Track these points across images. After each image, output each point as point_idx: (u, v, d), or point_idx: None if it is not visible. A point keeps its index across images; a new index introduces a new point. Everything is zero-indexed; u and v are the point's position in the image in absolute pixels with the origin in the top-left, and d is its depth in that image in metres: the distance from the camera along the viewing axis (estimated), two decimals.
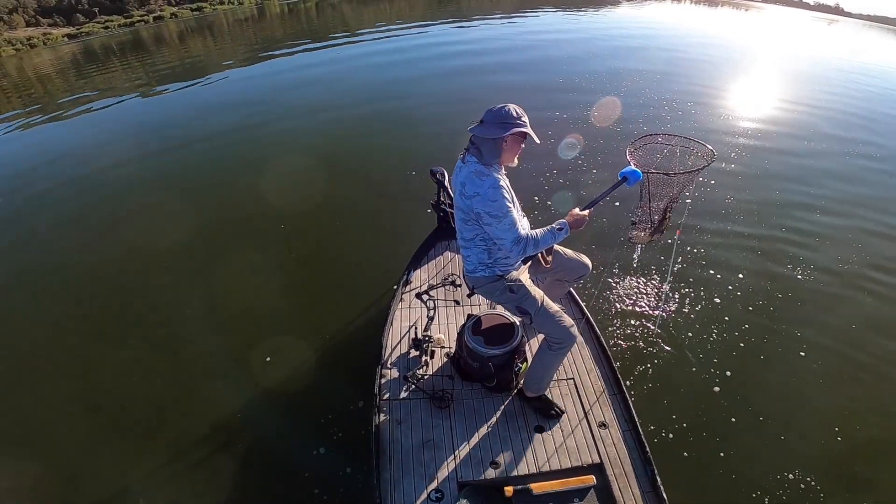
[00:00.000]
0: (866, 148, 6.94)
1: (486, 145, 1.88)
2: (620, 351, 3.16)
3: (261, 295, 3.88)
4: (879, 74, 13.67)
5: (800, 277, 3.98)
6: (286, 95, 9.92)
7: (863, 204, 5.25)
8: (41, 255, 4.80)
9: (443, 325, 2.84)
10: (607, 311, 3.51)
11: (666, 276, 3.74)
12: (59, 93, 13.96)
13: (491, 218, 1.88)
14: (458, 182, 1.95)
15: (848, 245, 4.44)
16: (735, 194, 5.19)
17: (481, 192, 1.86)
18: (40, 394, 3.18)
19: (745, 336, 3.35)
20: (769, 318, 3.52)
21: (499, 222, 1.88)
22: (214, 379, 3.21)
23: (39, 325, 3.81)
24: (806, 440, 2.71)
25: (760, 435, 2.72)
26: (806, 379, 3.08)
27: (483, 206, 1.87)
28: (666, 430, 2.69)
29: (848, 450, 2.65)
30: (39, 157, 7.56)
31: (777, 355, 3.23)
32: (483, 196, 1.86)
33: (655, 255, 3.96)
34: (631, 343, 3.24)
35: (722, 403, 2.88)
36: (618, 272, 3.85)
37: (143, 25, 35.98)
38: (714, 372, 3.06)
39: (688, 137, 2.40)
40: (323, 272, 4.17)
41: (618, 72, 10.27)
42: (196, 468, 2.63)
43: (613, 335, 3.28)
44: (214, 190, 5.84)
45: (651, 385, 2.95)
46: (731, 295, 3.72)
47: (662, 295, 3.59)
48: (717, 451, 2.62)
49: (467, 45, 13.90)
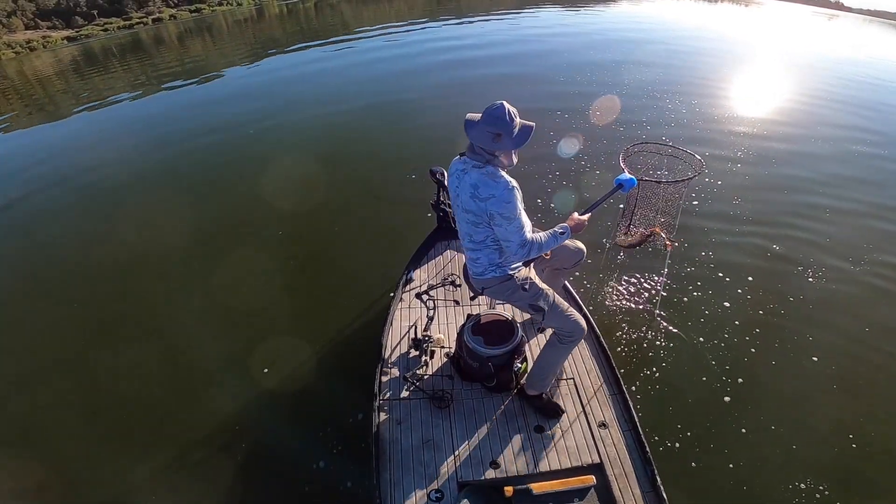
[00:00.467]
0: (874, 145, 6.84)
1: (494, 151, 1.88)
2: (623, 354, 3.14)
3: (260, 296, 3.88)
4: (884, 68, 13.63)
5: (811, 280, 3.89)
6: (284, 95, 9.94)
7: (874, 202, 5.16)
8: (40, 258, 4.80)
9: (442, 325, 2.84)
10: (608, 312, 3.49)
11: (667, 280, 3.70)
12: (58, 94, 14.00)
13: (503, 219, 1.89)
14: (468, 184, 1.91)
15: (860, 245, 4.35)
16: (742, 194, 5.10)
17: (496, 193, 1.86)
18: (40, 398, 3.18)
19: (755, 341, 3.27)
20: (779, 321, 3.44)
21: (509, 223, 1.89)
22: (214, 380, 3.21)
23: (38, 328, 3.82)
24: (818, 447, 2.64)
25: (770, 441, 2.66)
26: (819, 384, 3.01)
27: (497, 207, 1.87)
28: (669, 432, 2.66)
29: (863, 456, 2.59)
30: (38, 158, 7.59)
31: (788, 360, 3.15)
32: (498, 198, 1.86)
33: (655, 258, 3.92)
34: (633, 346, 3.21)
35: (730, 409, 2.82)
36: (618, 273, 3.82)
37: (142, 28, 36.01)
38: (722, 377, 3.00)
39: (678, 147, 2.47)
40: (322, 273, 4.17)
41: (619, 66, 10.26)
42: (196, 469, 2.64)
43: (615, 337, 3.26)
44: (212, 192, 5.85)
45: (654, 387, 2.94)
46: (741, 298, 3.65)
47: (660, 298, 3.55)
48: (722, 453, 2.59)
49: (466, 42, 13.85)
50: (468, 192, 1.91)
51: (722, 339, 3.27)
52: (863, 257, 4.19)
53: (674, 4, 28.39)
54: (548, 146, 6.07)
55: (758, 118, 7.60)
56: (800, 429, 2.74)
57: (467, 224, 2.02)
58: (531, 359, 2.51)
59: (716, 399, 2.89)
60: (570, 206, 4.66)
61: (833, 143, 6.75)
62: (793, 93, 9.28)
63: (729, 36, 17.56)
